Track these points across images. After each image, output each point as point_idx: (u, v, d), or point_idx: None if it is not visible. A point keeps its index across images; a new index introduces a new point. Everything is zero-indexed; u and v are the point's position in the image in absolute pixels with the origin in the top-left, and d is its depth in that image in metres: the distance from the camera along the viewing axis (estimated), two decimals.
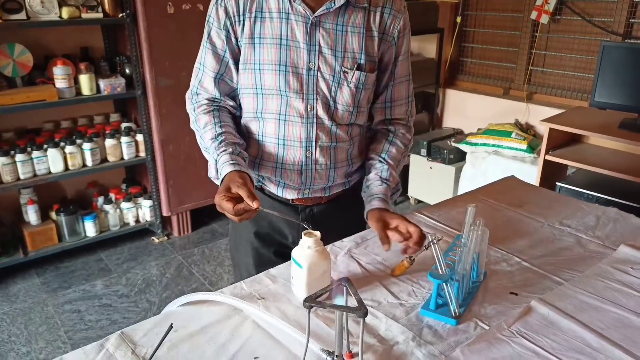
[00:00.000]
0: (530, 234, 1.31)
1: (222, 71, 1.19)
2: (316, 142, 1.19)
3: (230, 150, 1.11)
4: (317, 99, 1.16)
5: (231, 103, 1.22)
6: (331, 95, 1.16)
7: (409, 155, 1.34)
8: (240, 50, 1.17)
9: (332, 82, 1.15)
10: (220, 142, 1.13)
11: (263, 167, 1.23)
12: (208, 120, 1.17)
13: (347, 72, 1.15)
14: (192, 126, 1.24)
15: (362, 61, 1.16)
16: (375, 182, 1.20)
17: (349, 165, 1.27)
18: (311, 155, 1.20)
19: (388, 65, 1.23)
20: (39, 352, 2.21)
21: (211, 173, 1.17)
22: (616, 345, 0.90)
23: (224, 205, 1.00)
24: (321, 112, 1.17)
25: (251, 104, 1.19)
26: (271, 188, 1.27)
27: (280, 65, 1.13)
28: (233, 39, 1.16)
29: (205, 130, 1.16)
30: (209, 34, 1.18)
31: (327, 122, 1.18)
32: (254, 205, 0.99)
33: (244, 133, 1.24)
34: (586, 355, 0.87)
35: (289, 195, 1.25)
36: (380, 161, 1.23)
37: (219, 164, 1.10)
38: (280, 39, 1.12)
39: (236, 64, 1.18)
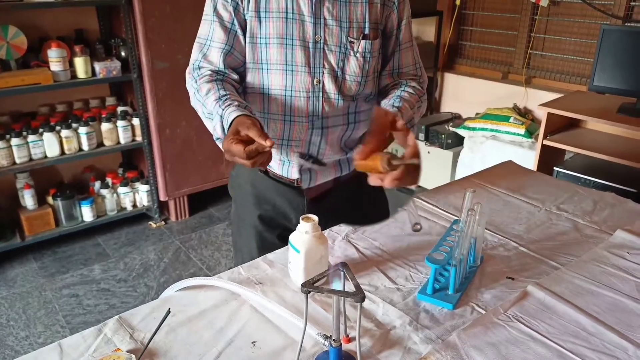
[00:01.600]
0: (527, 219, 1.31)
1: (231, 43, 1.15)
2: (322, 116, 1.18)
3: (236, 103, 1.04)
4: (323, 73, 1.15)
5: (235, 77, 1.17)
6: (338, 66, 1.16)
7: (420, 110, 1.26)
8: (247, 23, 1.14)
9: (338, 53, 1.15)
10: (225, 100, 1.05)
11: None
12: (210, 87, 1.10)
13: (354, 43, 1.15)
14: (192, 101, 1.16)
15: (367, 30, 1.16)
16: (386, 106, 1.16)
17: (352, 147, 1.26)
18: (315, 146, 1.19)
19: (392, 31, 1.22)
20: (37, 337, 2.22)
21: (217, 133, 1.05)
22: (611, 329, 0.90)
23: (234, 149, 0.92)
24: (328, 86, 1.16)
25: (256, 79, 1.18)
26: (275, 168, 1.26)
27: (287, 39, 1.12)
28: (241, 10, 1.13)
29: (207, 97, 1.09)
30: (214, 7, 1.14)
31: (333, 95, 1.17)
32: (267, 144, 0.91)
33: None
34: (582, 339, 0.88)
35: (294, 174, 1.25)
36: (392, 97, 1.18)
37: (225, 116, 1.01)
38: (287, 12, 1.11)
39: (244, 36, 1.15)
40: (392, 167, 0.92)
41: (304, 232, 0.98)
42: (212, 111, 1.06)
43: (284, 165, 1.24)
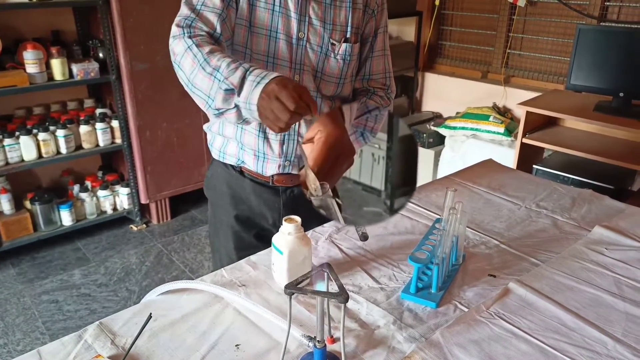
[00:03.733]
0: (508, 217, 1.33)
1: (225, 13, 1.06)
2: None
3: (261, 68, 0.95)
4: (303, 70, 1.16)
5: (226, 48, 1.09)
6: (318, 66, 1.17)
7: (383, 121, 1.28)
8: (238, 4, 1.09)
9: (320, 53, 1.16)
10: (244, 63, 0.95)
11: (246, 135, 1.20)
12: (216, 48, 0.98)
13: (335, 45, 1.17)
14: (179, 55, 1.00)
15: (349, 34, 1.18)
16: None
17: None
18: (294, 125, 1.19)
19: (368, 38, 1.24)
20: (16, 344, 2.17)
21: (230, 82, 0.93)
22: (591, 324, 0.92)
23: (296, 90, 0.87)
24: (307, 83, 1.17)
25: None
26: (251, 165, 1.24)
27: (271, 31, 1.12)
28: None
29: (213, 55, 0.96)
30: None
31: (312, 93, 1.17)
32: (315, 116, 0.90)
33: None
34: (562, 334, 0.89)
35: (270, 170, 1.24)
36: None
37: (257, 71, 0.92)
38: (274, 4, 1.12)
39: (235, 14, 1.09)
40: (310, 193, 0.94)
41: (286, 233, 0.98)
42: (222, 66, 0.94)
43: (259, 160, 1.23)
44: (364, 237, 1.11)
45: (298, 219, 0.99)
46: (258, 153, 1.23)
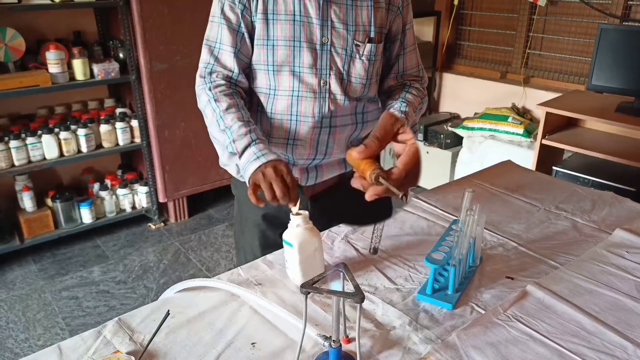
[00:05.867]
0: (527, 218, 1.31)
1: (239, 46, 1.16)
2: (329, 116, 1.19)
3: (264, 141, 1.07)
4: (330, 74, 1.16)
5: (245, 83, 1.20)
6: (344, 69, 1.17)
7: (422, 111, 1.27)
8: (254, 26, 1.15)
9: (345, 56, 1.16)
10: (255, 129, 1.08)
11: (274, 142, 1.22)
12: (232, 103, 1.12)
13: (359, 46, 1.17)
14: (202, 106, 1.17)
15: (373, 34, 1.18)
16: (392, 108, 1.17)
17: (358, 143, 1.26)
18: (324, 119, 1.20)
19: (397, 35, 1.24)
20: (37, 339, 2.21)
21: (234, 147, 1.07)
22: (611, 328, 0.90)
23: (279, 181, 0.97)
24: (334, 87, 1.17)
25: (263, 80, 1.19)
26: None
27: (294, 41, 1.13)
28: (247, 14, 1.14)
29: (229, 112, 1.10)
30: (222, 10, 1.14)
31: (339, 96, 1.18)
32: (294, 209, 1.00)
33: (255, 109, 1.23)
34: (581, 338, 0.88)
35: (296, 174, 1.25)
36: (398, 100, 1.19)
37: (259, 146, 1.05)
38: (294, 14, 1.12)
39: (251, 39, 1.16)
40: (378, 182, 0.92)
41: (295, 225, 0.99)
42: (233, 127, 1.08)
43: (289, 163, 1.25)
44: (375, 251, 1.14)
45: (305, 212, 1.00)
46: (288, 159, 1.24)
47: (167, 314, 0.91)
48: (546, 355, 0.84)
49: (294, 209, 0.99)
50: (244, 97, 1.22)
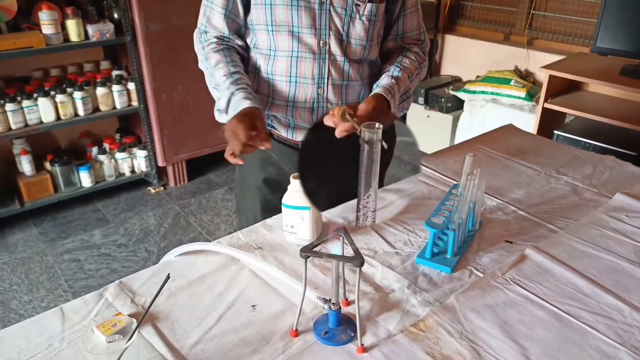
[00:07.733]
0: (527, 183, 1.31)
1: (230, 8, 1.17)
2: (328, 79, 1.17)
3: (248, 90, 1.11)
4: (329, 35, 1.14)
5: (239, 42, 1.21)
6: (344, 29, 1.15)
7: (420, 76, 1.27)
8: None
9: (344, 16, 1.14)
10: (236, 80, 1.12)
11: (274, 105, 1.21)
12: (219, 58, 1.16)
13: (360, 5, 1.14)
14: (200, 65, 1.22)
15: None
16: (384, 79, 1.17)
17: None
18: (323, 92, 1.19)
19: None
20: (40, 300, 2.25)
21: (220, 105, 1.12)
22: (608, 291, 0.91)
23: (241, 133, 1.00)
24: (334, 48, 1.15)
25: (263, 41, 1.18)
26: (281, 131, 1.26)
27: (292, 0, 1.11)
28: None
29: (216, 68, 1.15)
30: None
31: (339, 58, 1.17)
32: (267, 146, 1.03)
33: (254, 71, 1.23)
34: (578, 300, 0.89)
35: (299, 137, 1.24)
36: (393, 64, 1.20)
37: (235, 98, 1.08)
38: None
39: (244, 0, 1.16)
40: (344, 119, 0.99)
41: (296, 189, 0.99)
42: (220, 84, 1.13)
43: (289, 128, 1.24)
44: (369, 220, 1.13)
45: None
46: (288, 122, 1.23)
47: (168, 277, 0.91)
48: (543, 317, 0.85)
49: (267, 144, 1.02)
50: (241, 52, 1.23)
